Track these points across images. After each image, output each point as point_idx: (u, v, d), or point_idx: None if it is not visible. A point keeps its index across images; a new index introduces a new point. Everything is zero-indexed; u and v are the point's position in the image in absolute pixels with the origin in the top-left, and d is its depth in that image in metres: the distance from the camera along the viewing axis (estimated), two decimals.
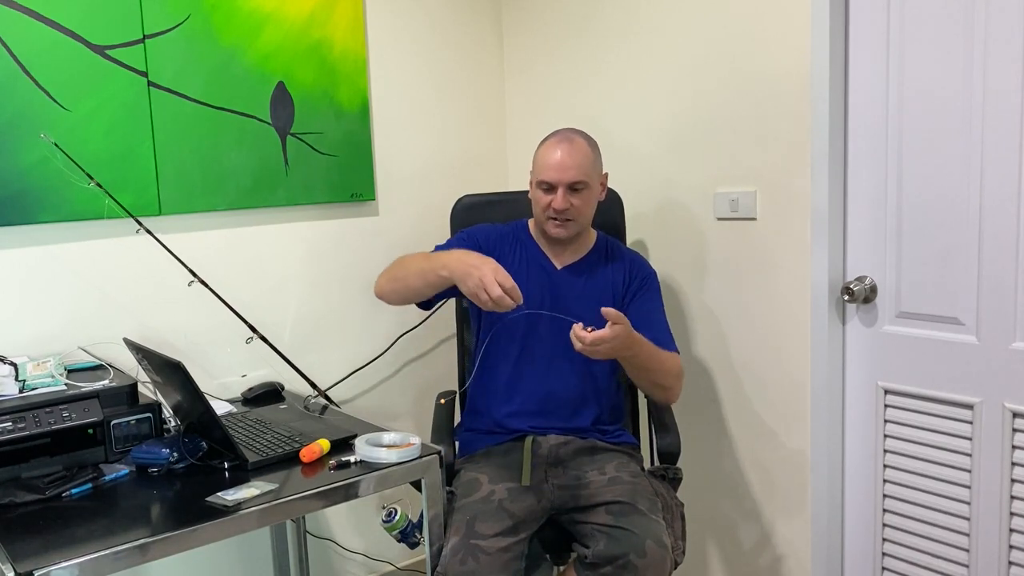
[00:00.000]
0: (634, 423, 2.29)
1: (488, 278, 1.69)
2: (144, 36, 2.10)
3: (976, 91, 1.83)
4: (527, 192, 2.08)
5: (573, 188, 1.95)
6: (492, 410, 2.04)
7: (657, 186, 2.46)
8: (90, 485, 1.63)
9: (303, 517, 2.37)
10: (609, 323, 1.69)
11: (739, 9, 2.19)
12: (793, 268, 2.17)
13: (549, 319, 1.97)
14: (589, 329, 1.70)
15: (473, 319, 2.18)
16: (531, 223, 2.11)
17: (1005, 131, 1.80)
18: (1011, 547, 1.90)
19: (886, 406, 2.08)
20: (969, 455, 1.93)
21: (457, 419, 2.23)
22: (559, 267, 2.06)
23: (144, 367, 1.84)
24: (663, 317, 2.03)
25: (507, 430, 2.01)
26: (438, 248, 2.03)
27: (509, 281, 1.69)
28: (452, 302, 2.45)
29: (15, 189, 1.94)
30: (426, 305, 2.06)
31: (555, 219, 1.97)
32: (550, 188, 1.96)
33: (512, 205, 2.31)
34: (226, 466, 1.70)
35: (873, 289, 2.06)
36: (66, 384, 1.78)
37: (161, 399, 1.87)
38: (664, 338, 1.96)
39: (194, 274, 2.11)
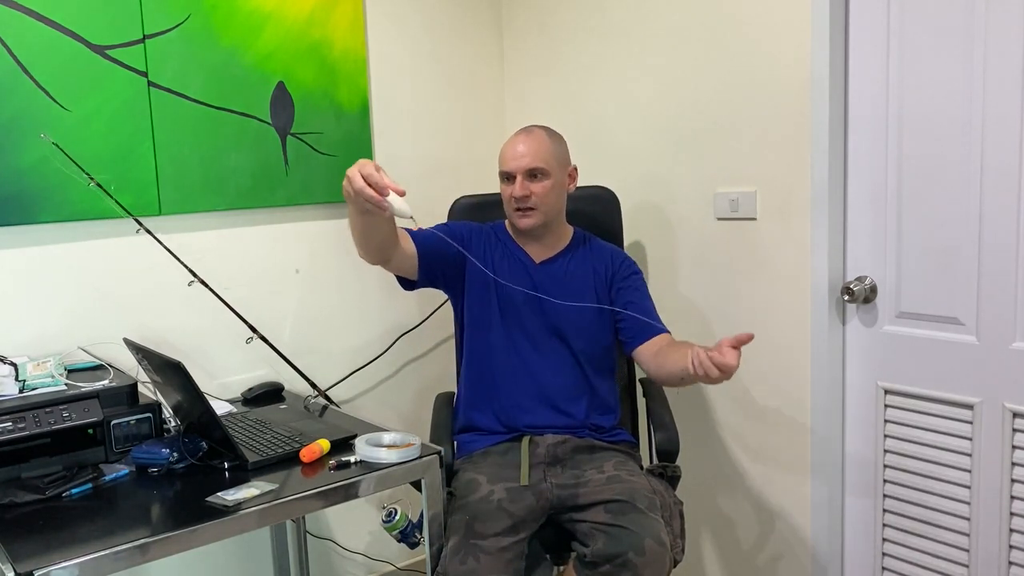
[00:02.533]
0: (632, 422, 2.29)
1: (351, 172, 1.54)
2: (144, 36, 2.10)
3: (976, 91, 1.83)
4: None
5: (531, 176, 2.00)
6: (489, 403, 2.05)
7: (657, 186, 2.46)
8: (90, 485, 1.63)
9: (303, 517, 2.37)
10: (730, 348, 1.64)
11: (739, 9, 2.19)
12: (793, 268, 2.17)
13: (531, 310, 2.02)
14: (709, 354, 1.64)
15: (456, 315, 2.17)
16: (507, 222, 2.14)
17: (1005, 131, 1.80)
18: (1011, 547, 1.90)
19: (886, 406, 2.08)
20: (969, 455, 1.93)
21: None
22: (537, 262, 2.09)
23: (144, 367, 1.84)
24: (652, 303, 2.08)
25: (506, 427, 2.02)
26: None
27: (368, 167, 1.54)
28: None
29: (15, 189, 1.94)
30: (408, 285, 2.04)
31: (519, 209, 2.01)
32: (510, 178, 2.02)
33: None
34: (226, 466, 1.71)
35: (873, 289, 2.06)
36: (66, 384, 1.78)
37: (161, 399, 1.87)
38: (659, 323, 2.02)
39: (194, 274, 2.11)
